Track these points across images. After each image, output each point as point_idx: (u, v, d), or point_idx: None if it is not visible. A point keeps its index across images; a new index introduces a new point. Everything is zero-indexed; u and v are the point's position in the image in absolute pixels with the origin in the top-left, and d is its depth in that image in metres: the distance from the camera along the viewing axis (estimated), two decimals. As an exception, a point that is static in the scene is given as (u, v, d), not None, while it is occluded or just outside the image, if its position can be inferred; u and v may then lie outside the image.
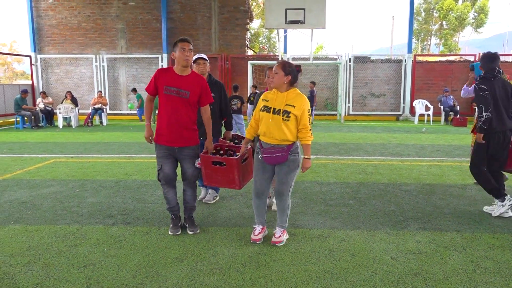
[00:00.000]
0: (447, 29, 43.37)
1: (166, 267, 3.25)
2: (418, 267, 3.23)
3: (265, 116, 3.51)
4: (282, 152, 3.48)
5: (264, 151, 3.55)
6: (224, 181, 3.90)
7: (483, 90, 4.42)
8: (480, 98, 4.44)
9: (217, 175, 3.87)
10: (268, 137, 3.51)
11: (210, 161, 3.86)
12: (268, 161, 3.56)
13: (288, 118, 3.43)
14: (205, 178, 3.94)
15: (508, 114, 4.50)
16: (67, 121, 14.32)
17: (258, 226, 3.79)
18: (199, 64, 4.40)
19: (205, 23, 17.20)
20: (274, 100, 3.51)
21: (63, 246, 3.64)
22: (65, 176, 6.43)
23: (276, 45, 34.20)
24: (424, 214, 4.54)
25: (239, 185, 3.86)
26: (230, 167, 3.79)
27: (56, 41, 17.60)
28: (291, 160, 3.53)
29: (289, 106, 3.44)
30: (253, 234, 3.76)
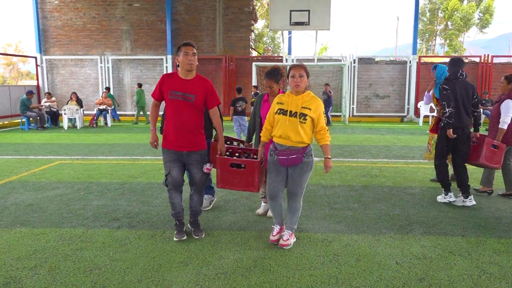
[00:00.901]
0: (452, 30, 43.20)
1: (172, 271, 3.26)
2: (423, 272, 3.23)
3: (282, 118, 3.54)
4: (297, 154, 3.54)
5: (279, 153, 3.58)
6: (242, 184, 3.87)
7: (446, 89, 5.00)
8: (443, 96, 4.99)
9: (235, 177, 3.85)
10: (284, 139, 3.55)
11: (228, 163, 3.86)
12: (283, 163, 3.59)
13: (304, 120, 3.49)
14: (220, 180, 3.91)
15: (468, 113, 5.02)
16: (72, 122, 14.40)
17: (276, 226, 3.86)
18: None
19: (210, 24, 17.23)
20: (289, 103, 3.55)
21: (69, 250, 3.67)
22: (70, 178, 6.46)
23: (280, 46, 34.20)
24: (429, 218, 4.53)
25: (257, 188, 3.86)
26: (251, 170, 3.78)
27: (62, 42, 17.69)
28: (305, 162, 3.59)
29: (305, 109, 3.50)
30: (271, 235, 3.84)
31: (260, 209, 4.71)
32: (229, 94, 16.75)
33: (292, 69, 3.59)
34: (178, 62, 3.71)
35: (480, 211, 4.78)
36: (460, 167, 5.10)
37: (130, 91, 17.67)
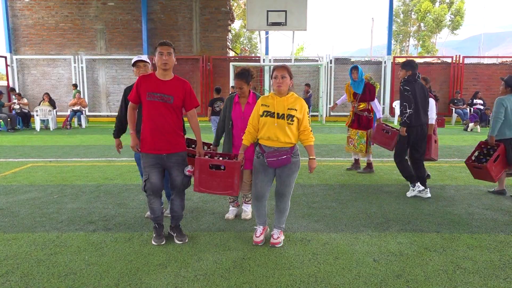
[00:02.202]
0: (425, 31, 44.26)
1: (150, 274, 3.21)
2: (400, 269, 3.28)
3: (269, 121, 3.54)
4: (287, 155, 3.56)
5: (268, 155, 3.57)
6: (221, 187, 3.76)
7: (407, 91, 5.26)
8: (405, 97, 5.28)
9: (214, 180, 3.75)
10: (273, 141, 3.55)
11: (207, 165, 3.76)
12: (273, 165, 3.59)
13: (292, 121, 3.52)
14: (198, 183, 3.79)
15: (425, 112, 5.39)
16: (44, 124, 14.02)
17: (259, 227, 3.83)
18: (139, 67, 4.24)
19: (186, 24, 17.10)
20: (275, 104, 3.55)
21: (43, 255, 3.56)
22: (43, 181, 6.28)
23: (257, 46, 34.24)
24: (405, 215, 4.62)
25: (237, 191, 3.77)
26: (231, 171, 3.71)
27: (33, 41, 17.21)
28: (294, 162, 3.62)
29: (291, 110, 3.52)
30: (254, 236, 3.79)
31: (229, 213, 4.60)
32: (206, 95, 16.67)
33: (275, 70, 3.59)
34: (154, 62, 3.64)
35: (453, 208, 4.90)
36: (419, 162, 5.45)
37: (105, 92, 17.35)
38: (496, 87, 16.82)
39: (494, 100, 5.44)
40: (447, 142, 10.45)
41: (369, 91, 6.59)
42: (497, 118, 5.25)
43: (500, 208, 4.89)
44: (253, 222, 4.31)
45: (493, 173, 5.18)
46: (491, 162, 5.16)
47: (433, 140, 5.90)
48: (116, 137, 4.48)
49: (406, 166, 5.50)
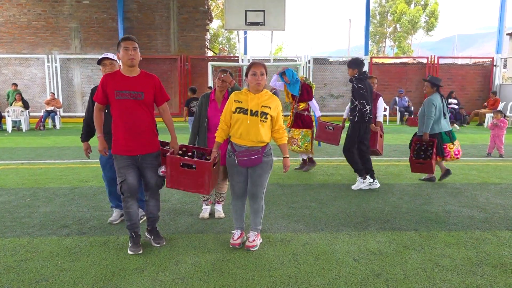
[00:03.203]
0: (401, 32, 45.11)
1: (126, 279, 3.11)
2: (379, 268, 3.28)
3: (242, 117, 3.45)
4: (257, 155, 3.47)
5: (239, 154, 3.49)
6: (192, 185, 3.66)
7: (362, 88, 5.49)
8: (361, 95, 5.49)
9: (185, 178, 3.64)
10: (243, 139, 3.47)
11: (178, 163, 3.63)
12: (243, 164, 3.51)
13: (265, 119, 3.45)
14: (170, 180, 3.68)
15: (371, 109, 5.70)
16: (16, 125, 13.59)
17: (237, 231, 3.74)
18: (105, 65, 4.06)
19: (164, 23, 16.88)
20: (248, 101, 3.46)
21: (12, 261, 3.41)
22: (14, 184, 6.06)
23: (236, 46, 34.15)
24: (383, 214, 4.64)
25: (208, 190, 3.68)
26: (202, 171, 3.59)
27: (4, 40, 16.66)
28: (265, 162, 3.54)
29: (265, 108, 3.45)
30: (232, 239, 3.70)
31: (203, 212, 4.55)
32: (184, 95, 16.47)
33: (253, 66, 3.49)
34: (119, 59, 3.47)
35: (430, 206, 4.96)
36: (367, 155, 5.80)
37: (81, 92, 16.95)
38: (470, 86, 17.26)
39: (425, 101, 6.03)
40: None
41: (306, 91, 6.67)
42: (430, 117, 5.82)
43: (476, 205, 4.98)
44: (231, 223, 4.24)
45: (434, 166, 5.91)
46: (434, 157, 5.83)
47: (379, 135, 6.36)
48: (84, 140, 4.27)
49: (356, 160, 5.75)
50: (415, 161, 5.95)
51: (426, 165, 5.88)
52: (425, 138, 5.89)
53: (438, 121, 5.94)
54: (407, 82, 17.24)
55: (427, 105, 5.88)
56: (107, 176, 4.25)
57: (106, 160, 4.12)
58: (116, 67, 4.10)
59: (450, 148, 5.97)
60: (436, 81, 6.04)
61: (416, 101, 16.70)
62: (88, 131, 4.24)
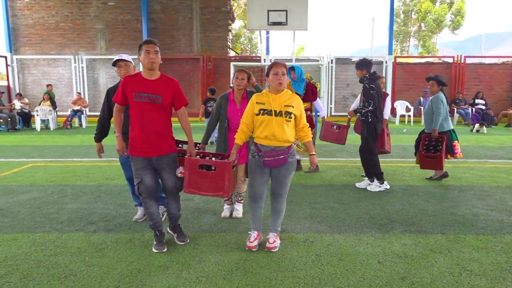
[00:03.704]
0: (425, 31, 44.23)
1: (151, 276, 3.16)
2: (405, 271, 3.23)
3: (267, 119, 3.44)
4: (284, 155, 3.47)
5: (265, 154, 3.48)
6: (211, 188, 3.61)
7: (372, 89, 5.53)
8: (370, 95, 5.53)
9: (204, 180, 3.60)
10: (270, 140, 3.46)
11: (197, 165, 3.61)
12: (269, 165, 3.50)
13: (290, 119, 3.44)
14: (188, 184, 3.64)
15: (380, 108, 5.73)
16: (45, 124, 13.98)
17: (254, 232, 3.71)
18: (120, 66, 4.11)
19: (187, 24, 17.05)
20: (271, 102, 3.45)
21: (42, 256, 3.52)
22: (43, 181, 6.24)
23: (257, 46, 34.19)
24: (409, 217, 4.56)
25: (228, 193, 3.62)
26: (222, 172, 3.56)
27: (33, 41, 17.16)
28: (290, 162, 3.54)
29: (288, 107, 3.44)
30: (248, 241, 3.67)
31: (225, 212, 4.58)
32: (206, 95, 16.61)
33: (274, 66, 3.48)
34: (140, 61, 3.50)
35: (458, 209, 4.85)
36: (375, 156, 5.79)
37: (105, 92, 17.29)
38: (498, 86, 16.78)
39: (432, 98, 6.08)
40: (449, 142, 10.39)
41: (312, 91, 6.59)
42: (439, 114, 5.89)
43: (505, 209, 4.84)
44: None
45: (443, 162, 5.90)
46: (444, 152, 5.83)
47: (386, 134, 6.40)
48: (97, 141, 4.33)
49: (377, 162, 5.73)
50: (425, 155, 5.92)
51: (437, 160, 5.86)
52: (434, 134, 5.91)
53: (447, 118, 6.04)
54: (432, 82, 16.88)
55: (435, 102, 5.95)
56: (128, 175, 4.31)
57: (125, 160, 4.18)
58: (131, 68, 4.17)
59: (458, 146, 6.11)
60: (441, 79, 6.10)
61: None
62: (102, 131, 4.30)
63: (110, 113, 4.17)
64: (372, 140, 5.68)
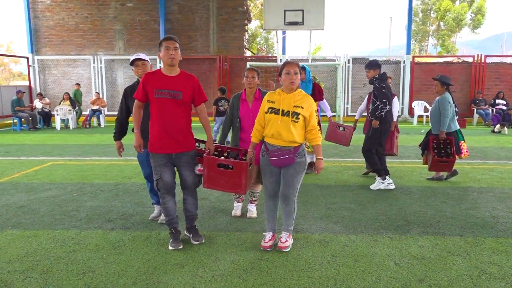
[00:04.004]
0: (445, 30, 43.48)
1: (167, 273, 3.20)
2: (422, 273, 3.19)
3: (274, 118, 3.44)
4: (289, 154, 3.44)
5: (271, 153, 3.48)
6: (229, 185, 3.71)
7: (384, 88, 5.62)
8: (383, 94, 5.63)
9: (222, 178, 3.69)
10: (276, 139, 3.46)
11: (215, 164, 3.69)
12: (275, 164, 3.49)
13: (297, 119, 3.40)
14: (207, 180, 3.74)
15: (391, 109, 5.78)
16: (64, 123, 14.25)
17: (269, 233, 3.71)
18: (137, 66, 4.14)
19: (203, 24, 17.16)
20: (281, 101, 3.45)
21: (62, 252, 3.59)
22: (63, 179, 6.37)
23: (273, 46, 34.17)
24: (426, 218, 4.50)
25: (244, 190, 3.72)
26: (239, 171, 3.64)
27: (54, 42, 17.52)
28: (298, 163, 3.49)
29: (297, 108, 3.41)
30: (263, 241, 3.67)
31: (235, 210, 4.60)
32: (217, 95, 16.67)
33: (287, 65, 3.46)
34: (161, 58, 3.55)
35: (477, 211, 4.76)
36: (383, 156, 5.90)
37: (124, 92, 17.51)
38: (520, 87, 16.39)
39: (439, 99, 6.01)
40: (469, 144, 10.18)
41: (318, 91, 6.54)
42: (447, 115, 5.84)
43: (526, 211, 4.73)
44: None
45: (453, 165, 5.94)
46: (455, 154, 5.85)
47: (395, 136, 6.46)
48: (116, 139, 4.40)
49: (376, 160, 5.78)
50: (438, 160, 5.87)
51: (450, 163, 5.87)
52: (442, 136, 5.89)
53: (453, 119, 6.02)
54: (451, 82, 16.61)
55: (442, 103, 5.91)
56: (146, 173, 4.36)
57: (144, 158, 4.23)
58: (148, 68, 4.20)
59: (464, 146, 6.12)
60: (446, 79, 6.04)
61: (460, 101, 16.06)
62: (121, 130, 4.37)
63: (128, 112, 4.24)
64: (375, 140, 5.75)
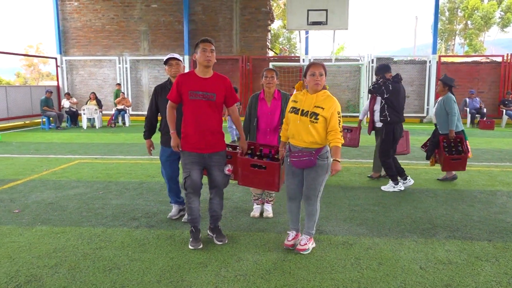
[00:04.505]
0: (472, 29, 42.38)
1: (190, 272, 3.23)
2: (449, 278, 3.12)
3: (293, 117, 3.45)
4: (309, 156, 3.40)
5: (292, 154, 3.48)
6: (262, 184, 3.93)
7: (382, 86, 5.72)
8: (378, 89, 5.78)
9: (256, 177, 3.88)
10: (297, 140, 3.46)
11: (249, 164, 3.86)
12: (296, 165, 3.48)
13: (316, 120, 3.36)
14: (242, 179, 3.97)
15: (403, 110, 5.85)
16: (91, 122, 14.57)
17: (292, 232, 3.73)
18: (171, 65, 4.19)
19: (227, 24, 17.25)
20: (303, 101, 3.44)
21: (89, 249, 3.68)
22: (89, 177, 6.52)
23: (296, 46, 34.05)
24: (453, 222, 4.40)
25: (278, 188, 3.88)
26: (272, 171, 3.80)
27: (81, 43, 17.95)
28: (319, 165, 3.45)
29: (317, 108, 3.38)
30: (286, 240, 3.70)
31: (254, 211, 4.61)
32: (245, 95, 16.74)
33: (312, 67, 3.43)
34: (196, 60, 3.60)
35: (506, 215, 4.62)
36: (395, 158, 5.87)
37: (148, 91, 17.81)
38: (552, 87, 15.82)
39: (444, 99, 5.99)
40: (498, 146, 9.92)
41: None
42: (454, 114, 5.87)
43: (559, 217, 4.56)
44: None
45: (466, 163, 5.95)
46: (466, 151, 5.87)
47: (408, 136, 6.49)
48: (146, 138, 4.46)
49: (392, 164, 5.76)
50: (450, 158, 5.86)
51: (462, 161, 5.88)
52: (452, 135, 5.91)
53: (459, 118, 6.08)
54: (479, 82, 16.19)
55: (448, 103, 5.91)
56: (167, 173, 4.42)
57: (166, 158, 4.31)
58: (181, 68, 4.26)
59: (469, 146, 6.09)
60: (449, 81, 6.05)
61: (489, 102, 15.66)
62: (151, 128, 4.43)
63: (157, 111, 4.32)
64: (389, 143, 5.72)
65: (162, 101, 4.18)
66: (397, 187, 5.72)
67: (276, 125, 4.33)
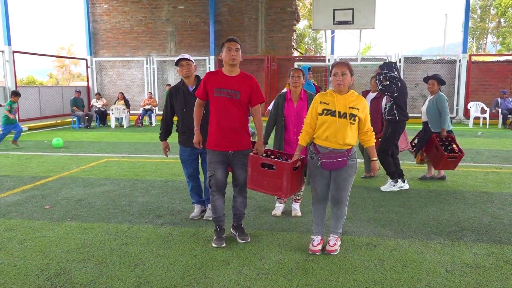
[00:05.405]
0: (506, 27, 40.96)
1: (213, 269, 3.27)
2: (476, 282, 3.05)
3: (330, 120, 3.37)
4: (343, 157, 3.38)
5: (324, 156, 3.40)
6: (270, 187, 3.66)
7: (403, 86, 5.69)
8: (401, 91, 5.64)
9: (264, 179, 3.66)
10: (331, 142, 3.39)
11: (259, 163, 3.68)
12: (327, 167, 3.41)
13: (354, 121, 3.36)
14: (250, 181, 3.75)
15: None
16: (119, 122, 14.92)
17: (317, 236, 3.64)
18: (182, 66, 4.21)
19: (252, 25, 17.31)
20: (335, 102, 3.38)
21: (115, 244, 3.78)
22: (117, 175, 6.68)
23: (322, 46, 33.79)
24: (481, 225, 4.28)
25: (285, 193, 3.63)
26: (280, 172, 3.58)
27: (110, 44, 18.40)
28: (350, 165, 3.44)
29: (353, 109, 3.36)
30: (311, 245, 3.61)
31: (276, 210, 4.62)
32: (270, 95, 16.74)
33: (335, 67, 3.39)
34: (222, 59, 3.64)
35: (538, 219, 4.46)
36: (397, 157, 5.87)
37: (174, 92, 18.05)
38: None
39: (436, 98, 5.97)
40: (531, 147, 9.56)
41: (317, 92, 6.37)
42: (447, 113, 5.90)
43: None
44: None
45: None
46: (461, 150, 5.97)
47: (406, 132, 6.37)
48: (162, 139, 4.52)
49: (390, 162, 5.73)
50: (448, 156, 5.81)
51: (457, 160, 5.92)
52: (443, 134, 5.91)
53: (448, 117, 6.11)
54: (511, 82, 15.65)
55: (440, 102, 5.91)
56: (188, 172, 4.48)
57: (187, 157, 4.37)
58: (192, 68, 4.30)
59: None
60: (442, 79, 6.05)
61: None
62: (167, 130, 4.50)
63: (173, 112, 4.38)
64: (392, 141, 5.72)
65: (177, 103, 4.26)
66: (397, 185, 5.67)
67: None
